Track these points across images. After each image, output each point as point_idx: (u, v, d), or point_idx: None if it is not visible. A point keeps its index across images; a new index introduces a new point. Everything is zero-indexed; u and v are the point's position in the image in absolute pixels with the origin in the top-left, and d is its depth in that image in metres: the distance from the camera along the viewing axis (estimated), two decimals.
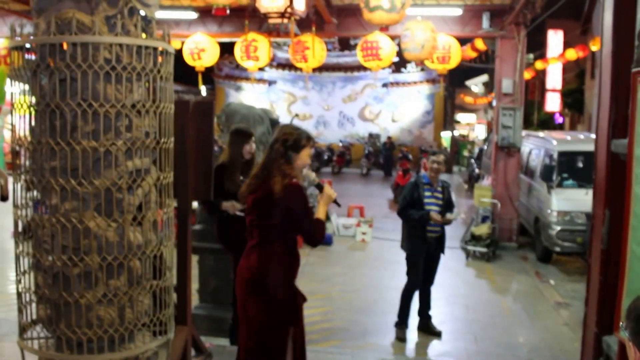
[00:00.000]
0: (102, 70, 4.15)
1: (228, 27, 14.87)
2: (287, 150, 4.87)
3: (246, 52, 13.72)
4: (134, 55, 4.28)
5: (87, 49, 4.15)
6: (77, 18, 4.16)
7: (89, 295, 4.33)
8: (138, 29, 4.38)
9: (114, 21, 4.28)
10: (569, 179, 12.34)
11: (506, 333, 8.36)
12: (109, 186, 4.28)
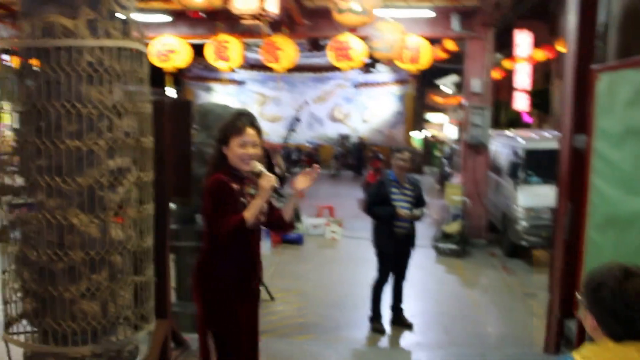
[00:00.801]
0: (85, 72, 4.32)
1: (200, 29, 14.92)
2: (219, 145, 4.72)
3: (217, 52, 13.83)
4: (115, 57, 4.45)
5: (70, 52, 4.32)
6: (60, 22, 4.31)
7: (73, 289, 4.48)
8: (118, 31, 4.53)
9: (96, 24, 4.43)
10: (535, 176, 12.60)
11: (475, 324, 8.60)
12: (91, 184, 4.43)
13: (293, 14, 13.16)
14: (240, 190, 4.59)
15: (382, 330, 8.17)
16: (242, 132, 4.60)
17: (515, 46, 27.11)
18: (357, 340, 7.93)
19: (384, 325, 8.27)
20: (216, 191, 4.54)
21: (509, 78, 30.59)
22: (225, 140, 4.65)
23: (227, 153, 4.64)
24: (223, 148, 4.65)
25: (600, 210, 4.34)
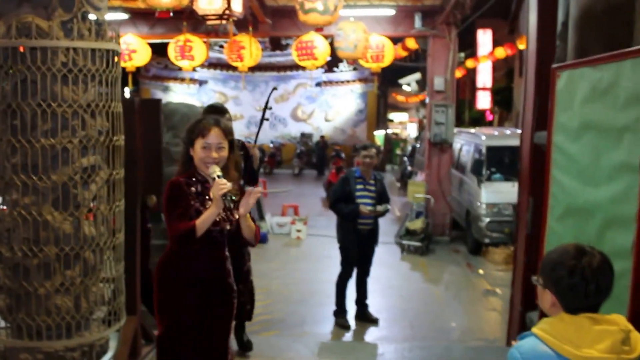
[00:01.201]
0: (59, 72, 4.41)
1: (160, 29, 14.91)
2: (186, 146, 4.53)
3: (181, 52, 13.85)
4: (88, 57, 4.53)
5: (45, 52, 4.40)
6: (36, 23, 4.38)
7: (47, 285, 4.56)
8: (92, 32, 4.61)
9: (70, 26, 4.51)
10: (497, 173, 12.80)
11: (439, 319, 8.76)
12: (65, 181, 4.51)
13: (256, 13, 13.24)
14: (201, 194, 4.42)
15: (347, 325, 8.29)
16: (206, 134, 4.40)
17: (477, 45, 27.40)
18: (323, 335, 8.05)
19: (349, 320, 8.38)
20: (169, 194, 4.38)
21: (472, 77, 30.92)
22: (190, 142, 4.49)
23: (193, 155, 4.47)
24: (189, 149, 4.48)
25: (560, 202, 4.54)
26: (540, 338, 2.56)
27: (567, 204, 4.41)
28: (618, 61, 3.64)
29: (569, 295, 2.59)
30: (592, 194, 3.96)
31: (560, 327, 2.55)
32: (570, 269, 2.57)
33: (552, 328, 2.56)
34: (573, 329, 2.51)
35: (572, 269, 2.57)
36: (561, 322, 2.57)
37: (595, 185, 3.92)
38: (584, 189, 4.10)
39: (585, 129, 4.13)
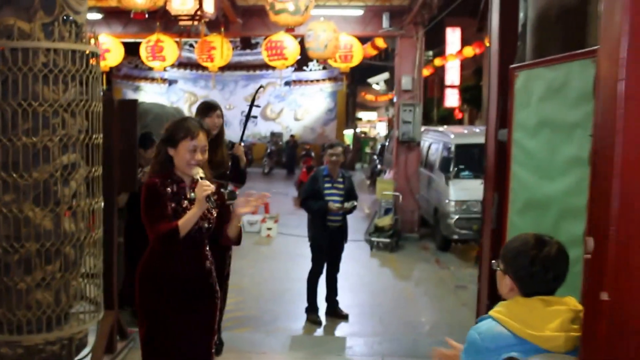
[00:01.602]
0: (40, 73, 4.57)
1: (133, 28, 14.97)
2: (165, 146, 4.41)
3: (152, 52, 13.94)
4: (69, 58, 4.69)
5: (27, 53, 4.56)
6: (17, 25, 4.53)
7: (28, 280, 4.71)
8: (72, 34, 4.76)
9: (51, 28, 4.66)
10: (465, 170, 13.01)
11: (409, 314, 8.95)
12: (46, 179, 4.67)
13: (228, 13, 13.36)
14: (177, 195, 4.38)
15: (318, 321, 8.44)
16: (195, 137, 4.34)
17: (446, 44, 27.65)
18: (294, 330, 8.19)
19: (320, 316, 8.53)
20: (147, 195, 4.34)
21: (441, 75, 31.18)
22: (174, 142, 4.37)
23: (174, 155, 4.38)
24: (170, 150, 4.38)
25: (520, 196, 4.77)
26: (497, 319, 2.76)
27: (526, 198, 4.65)
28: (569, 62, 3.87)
29: (528, 282, 2.80)
30: (548, 187, 4.20)
31: (515, 309, 2.75)
32: (531, 258, 2.77)
33: (508, 310, 2.77)
34: (527, 310, 2.71)
35: (534, 258, 2.77)
36: (516, 305, 2.78)
37: (551, 179, 4.16)
38: (541, 183, 4.35)
39: (541, 126, 4.38)
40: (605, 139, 1.30)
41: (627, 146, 1.21)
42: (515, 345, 2.65)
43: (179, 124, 4.42)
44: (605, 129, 1.29)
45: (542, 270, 2.75)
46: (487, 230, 6.08)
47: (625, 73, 1.22)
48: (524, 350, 2.65)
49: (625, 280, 1.24)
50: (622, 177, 1.22)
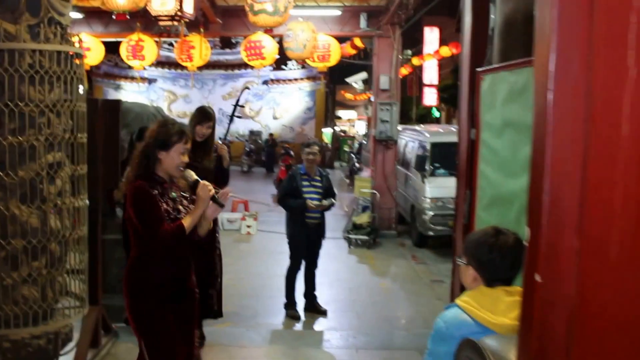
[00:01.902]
0: (27, 74, 4.71)
1: (114, 28, 15.08)
2: (155, 149, 4.47)
3: (132, 51, 14.09)
4: (54, 59, 4.85)
5: (13, 54, 4.70)
6: (3, 27, 4.68)
7: (14, 276, 4.85)
8: (58, 36, 4.92)
9: (37, 30, 4.82)
10: (441, 168, 13.26)
11: (385, 309, 9.16)
12: (32, 177, 4.82)
13: (207, 13, 13.52)
14: (162, 195, 4.48)
15: (297, 316, 8.63)
16: (188, 140, 4.52)
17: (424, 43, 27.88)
18: (274, 325, 8.37)
19: (298, 311, 8.72)
20: (142, 200, 4.40)
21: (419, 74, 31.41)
22: (167, 146, 4.47)
23: (164, 158, 4.48)
24: (160, 152, 4.46)
25: (486, 192, 5.02)
26: (462, 308, 2.97)
27: (492, 194, 4.89)
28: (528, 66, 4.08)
29: (488, 269, 3.01)
30: (512, 184, 4.44)
31: (479, 298, 2.96)
32: (490, 246, 3.00)
33: (472, 299, 2.98)
34: (489, 299, 2.92)
35: (492, 246, 3.00)
36: (480, 294, 2.99)
37: (514, 176, 4.39)
38: (505, 180, 4.58)
39: (505, 126, 4.62)
40: (539, 140, 1.50)
41: (555, 147, 1.41)
42: (478, 332, 2.82)
43: (172, 128, 4.53)
44: (539, 132, 1.49)
45: (500, 257, 2.96)
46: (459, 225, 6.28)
47: (553, 85, 1.42)
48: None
49: (555, 264, 1.44)
50: (551, 174, 1.42)
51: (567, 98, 1.38)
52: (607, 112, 1.30)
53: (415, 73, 31.53)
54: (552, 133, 1.41)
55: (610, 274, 1.32)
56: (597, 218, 1.34)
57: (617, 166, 1.30)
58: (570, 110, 1.37)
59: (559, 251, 1.42)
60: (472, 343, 2.51)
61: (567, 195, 1.38)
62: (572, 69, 1.36)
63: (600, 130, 1.32)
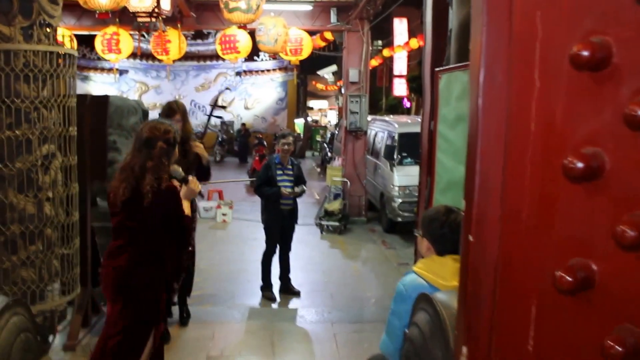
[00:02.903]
0: (21, 73, 5.12)
1: (87, 21, 15.24)
2: (170, 147, 4.71)
3: (108, 45, 14.33)
4: (47, 59, 5.27)
5: (8, 55, 5.10)
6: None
7: (14, 259, 5.29)
8: (50, 37, 5.36)
9: (30, 32, 5.24)
10: (408, 157, 13.71)
11: (356, 290, 9.63)
12: (29, 167, 5.25)
13: (182, 8, 13.84)
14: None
15: (273, 297, 9.07)
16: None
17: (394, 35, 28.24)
18: (252, 305, 8.80)
19: (274, 293, 9.18)
20: (179, 200, 4.81)
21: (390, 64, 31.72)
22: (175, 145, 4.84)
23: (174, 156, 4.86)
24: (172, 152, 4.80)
25: (443, 178, 5.56)
26: (418, 273, 3.49)
27: (447, 179, 5.43)
28: None
29: (439, 241, 3.52)
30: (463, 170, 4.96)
31: (431, 265, 3.49)
32: (441, 223, 3.51)
33: (425, 266, 3.50)
34: (439, 266, 3.43)
35: (443, 222, 3.51)
36: (432, 262, 3.51)
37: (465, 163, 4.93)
38: (457, 167, 5.11)
39: (458, 120, 5.15)
40: (473, 134, 1.95)
41: (483, 139, 1.82)
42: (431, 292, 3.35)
43: (173, 127, 4.89)
44: (473, 128, 1.92)
45: (450, 232, 3.46)
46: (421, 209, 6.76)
47: (482, 93, 1.88)
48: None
49: (483, 227, 1.90)
50: (481, 160, 1.87)
51: (493, 103, 1.76)
52: (520, 114, 1.67)
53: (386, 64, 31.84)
54: (482, 129, 1.80)
55: (522, 233, 1.68)
56: (512, 192, 1.72)
57: (526, 154, 1.66)
58: (494, 112, 1.75)
59: (486, 217, 1.80)
60: (425, 296, 3.01)
61: (492, 176, 1.77)
62: (496, 82, 1.74)
63: (516, 127, 1.69)
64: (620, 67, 1.46)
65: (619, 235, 1.41)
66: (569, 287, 1.53)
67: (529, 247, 1.72)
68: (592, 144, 1.52)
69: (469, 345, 1.95)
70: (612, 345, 1.43)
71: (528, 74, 1.66)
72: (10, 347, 3.30)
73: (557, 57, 1.56)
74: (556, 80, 1.59)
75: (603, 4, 1.50)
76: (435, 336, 2.82)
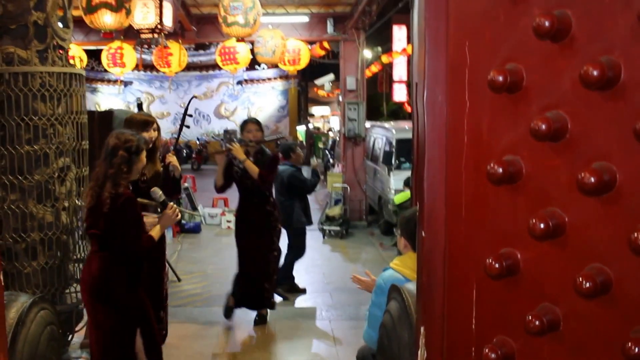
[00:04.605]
0: (38, 92, 5.58)
1: (94, 37, 15.56)
2: (132, 156, 4.75)
3: (113, 59, 14.76)
4: (61, 79, 5.73)
5: (26, 76, 5.57)
6: (17, 53, 5.55)
7: (34, 264, 5.73)
8: (63, 59, 5.80)
9: (45, 55, 5.69)
10: (405, 162, 14.14)
11: (355, 291, 9.76)
12: (46, 179, 5.70)
13: (183, 22, 14.31)
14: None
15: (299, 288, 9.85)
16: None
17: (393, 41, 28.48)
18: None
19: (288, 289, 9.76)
20: (133, 210, 4.75)
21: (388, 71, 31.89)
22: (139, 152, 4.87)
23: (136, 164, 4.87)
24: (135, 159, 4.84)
25: None
26: (394, 269, 3.93)
27: None
28: None
29: (414, 240, 3.93)
30: None
31: (407, 261, 3.93)
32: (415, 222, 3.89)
33: (401, 262, 3.95)
34: (414, 261, 3.84)
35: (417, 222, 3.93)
36: (408, 258, 3.95)
37: None
38: None
39: None
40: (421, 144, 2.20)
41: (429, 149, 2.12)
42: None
43: (136, 135, 4.97)
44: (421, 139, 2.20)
45: None
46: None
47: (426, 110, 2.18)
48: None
49: (432, 224, 2.20)
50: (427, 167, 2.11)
51: (436, 119, 2.08)
52: (456, 128, 1.97)
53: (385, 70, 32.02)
54: (427, 141, 2.12)
55: (462, 228, 1.99)
56: (453, 194, 2.02)
57: (461, 161, 1.96)
58: (437, 126, 2.07)
59: (434, 215, 2.12)
60: (395, 287, 3.46)
61: (437, 180, 2.08)
62: (438, 101, 2.05)
63: (453, 139, 1.98)
64: (529, 90, 1.81)
65: (533, 228, 1.74)
66: (497, 272, 1.86)
67: (468, 240, 2.02)
68: (511, 153, 1.85)
69: (426, 325, 2.26)
70: (533, 320, 1.76)
71: (460, 94, 1.97)
72: (39, 337, 3.75)
73: (481, 81, 1.88)
74: (481, 100, 1.92)
75: (516, 36, 1.84)
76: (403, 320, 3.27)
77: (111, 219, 4.59)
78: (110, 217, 4.59)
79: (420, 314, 2.32)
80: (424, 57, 2.17)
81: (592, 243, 1.69)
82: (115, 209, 4.56)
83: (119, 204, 4.58)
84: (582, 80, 1.60)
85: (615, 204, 1.63)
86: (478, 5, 1.96)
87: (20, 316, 3.56)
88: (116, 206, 4.56)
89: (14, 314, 3.53)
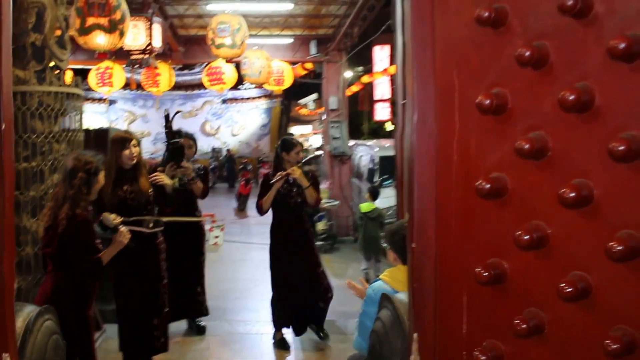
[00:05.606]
0: (36, 111, 5.73)
1: (81, 56, 15.65)
2: (91, 177, 4.79)
3: (101, 79, 14.82)
4: (58, 99, 5.89)
5: (24, 95, 5.72)
6: (15, 73, 5.70)
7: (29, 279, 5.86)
8: (60, 79, 5.96)
9: (43, 75, 5.85)
10: (389, 179, 14.25)
11: (342, 304, 10.01)
12: (41, 195, 5.84)
13: (171, 43, 14.49)
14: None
15: None
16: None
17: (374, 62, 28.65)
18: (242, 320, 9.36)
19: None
20: (88, 232, 4.78)
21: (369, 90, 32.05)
22: (97, 173, 4.91)
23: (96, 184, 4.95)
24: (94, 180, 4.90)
25: None
26: (383, 280, 4.11)
27: None
28: None
29: (402, 252, 4.10)
30: None
31: (395, 273, 4.10)
32: (403, 235, 4.04)
33: (390, 274, 4.12)
34: (403, 274, 4.01)
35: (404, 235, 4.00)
36: (397, 270, 4.13)
37: None
38: None
39: None
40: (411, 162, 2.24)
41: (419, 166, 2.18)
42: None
43: (95, 156, 4.96)
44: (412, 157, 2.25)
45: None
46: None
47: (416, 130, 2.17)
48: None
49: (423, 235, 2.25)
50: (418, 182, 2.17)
51: (425, 139, 2.19)
52: (445, 147, 2.08)
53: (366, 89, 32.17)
54: (417, 159, 2.24)
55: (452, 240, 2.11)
56: (443, 208, 2.14)
57: (451, 178, 2.08)
58: (426, 146, 2.18)
59: (425, 227, 2.22)
60: (387, 296, 3.63)
61: (427, 194, 2.20)
62: (428, 122, 2.18)
63: (443, 157, 2.10)
64: (513, 112, 1.96)
65: (518, 239, 1.88)
66: (485, 280, 2.00)
67: (458, 250, 2.14)
68: (497, 170, 1.99)
69: (419, 331, 2.37)
70: (520, 324, 1.90)
71: (450, 116, 2.11)
72: (45, 345, 3.89)
73: (470, 104, 2.02)
74: (470, 122, 2.06)
75: (501, 64, 1.98)
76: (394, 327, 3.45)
77: (64, 240, 4.65)
78: (64, 238, 4.64)
79: (413, 321, 2.43)
80: (412, 83, 2.32)
81: (573, 252, 1.83)
82: (69, 229, 4.62)
83: (73, 225, 4.62)
84: (560, 104, 1.75)
85: (593, 217, 1.76)
86: (463, 36, 2.11)
87: (27, 325, 3.70)
88: (70, 227, 4.62)
89: (22, 322, 3.67)
